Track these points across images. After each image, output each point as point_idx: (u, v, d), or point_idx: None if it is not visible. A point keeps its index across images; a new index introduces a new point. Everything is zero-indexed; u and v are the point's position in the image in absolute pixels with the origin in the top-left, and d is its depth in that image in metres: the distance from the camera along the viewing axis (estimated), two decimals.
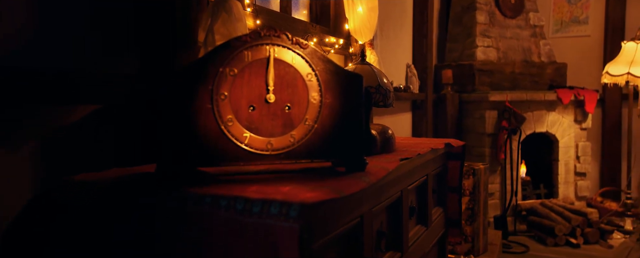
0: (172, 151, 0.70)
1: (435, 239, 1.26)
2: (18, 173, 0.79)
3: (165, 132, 0.70)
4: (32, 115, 0.82)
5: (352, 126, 0.78)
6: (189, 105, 0.70)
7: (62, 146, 0.86)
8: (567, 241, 2.86)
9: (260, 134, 0.73)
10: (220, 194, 0.59)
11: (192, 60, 1.10)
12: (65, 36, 0.89)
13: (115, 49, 1.01)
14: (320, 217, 0.59)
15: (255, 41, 0.73)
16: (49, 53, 0.86)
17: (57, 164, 0.84)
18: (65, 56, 0.89)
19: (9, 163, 0.78)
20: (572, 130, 3.33)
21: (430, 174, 1.20)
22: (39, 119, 0.83)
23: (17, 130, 0.80)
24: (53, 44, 0.86)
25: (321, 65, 0.76)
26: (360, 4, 1.89)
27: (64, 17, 0.88)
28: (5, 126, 0.77)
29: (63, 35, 0.88)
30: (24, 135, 0.81)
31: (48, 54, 0.86)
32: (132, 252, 0.66)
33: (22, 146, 0.81)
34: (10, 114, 0.78)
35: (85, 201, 0.69)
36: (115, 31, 1.00)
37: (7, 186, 0.77)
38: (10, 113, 0.78)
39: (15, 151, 0.80)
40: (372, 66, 1.35)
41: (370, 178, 0.74)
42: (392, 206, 0.95)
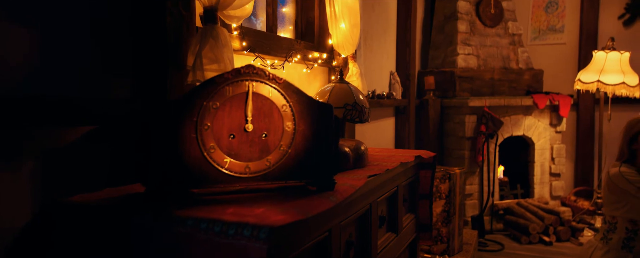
0: (161, 174, 0.80)
1: (405, 244, 1.38)
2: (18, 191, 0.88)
3: (154, 157, 0.79)
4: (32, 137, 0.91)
5: (322, 150, 0.88)
6: (177, 134, 0.80)
7: (59, 165, 0.95)
8: (541, 239, 3.01)
9: (240, 159, 0.83)
10: (201, 217, 0.69)
11: (181, 82, 1.20)
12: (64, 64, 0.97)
13: (110, 73, 1.09)
14: (289, 235, 0.70)
15: (236, 77, 0.83)
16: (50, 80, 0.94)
17: (55, 182, 0.93)
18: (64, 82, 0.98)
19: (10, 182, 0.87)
20: (548, 133, 3.48)
21: (400, 185, 1.32)
22: (38, 140, 0.92)
23: (18, 151, 0.88)
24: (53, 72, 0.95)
25: (295, 97, 0.87)
26: (343, 20, 1.99)
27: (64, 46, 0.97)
28: (8, 147, 0.86)
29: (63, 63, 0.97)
30: (24, 155, 0.89)
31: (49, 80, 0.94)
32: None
33: (22, 165, 0.90)
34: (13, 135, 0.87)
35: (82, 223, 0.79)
36: (111, 56, 1.09)
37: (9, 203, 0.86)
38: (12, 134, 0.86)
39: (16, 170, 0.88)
40: (350, 84, 1.46)
41: (338, 196, 0.85)
42: (362, 217, 1.06)
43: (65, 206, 0.82)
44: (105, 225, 0.77)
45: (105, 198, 0.84)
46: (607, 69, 2.94)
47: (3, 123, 0.82)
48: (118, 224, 0.76)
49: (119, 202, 0.81)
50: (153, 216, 0.74)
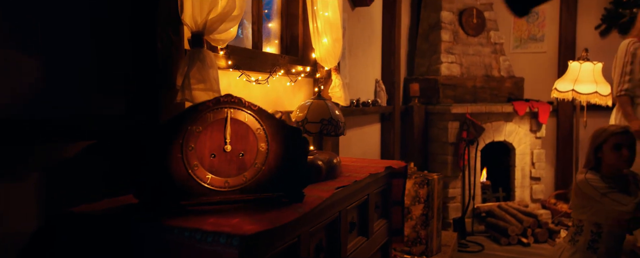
0: (152, 188, 0.92)
1: (377, 247, 1.51)
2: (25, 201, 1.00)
3: (146, 174, 0.92)
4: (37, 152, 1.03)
5: (292, 167, 1.01)
6: (165, 154, 0.92)
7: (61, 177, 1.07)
8: (519, 240, 3.16)
9: (220, 175, 0.96)
10: (185, 226, 0.82)
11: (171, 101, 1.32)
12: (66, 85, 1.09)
13: (107, 93, 1.21)
14: (259, 242, 0.82)
15: (216, 105, 0.96)
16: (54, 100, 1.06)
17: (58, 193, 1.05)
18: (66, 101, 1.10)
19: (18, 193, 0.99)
20: (528, 139, 3.63)
21: (371, 193, 1.45)
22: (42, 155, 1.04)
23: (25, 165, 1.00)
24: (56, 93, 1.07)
25: (268, 121, 0.99)
26: (325, 35, 2.12)
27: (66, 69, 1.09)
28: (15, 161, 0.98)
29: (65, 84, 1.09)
30: (30, 169, 1.01)
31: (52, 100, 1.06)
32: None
33: (28, 178, 1.02)
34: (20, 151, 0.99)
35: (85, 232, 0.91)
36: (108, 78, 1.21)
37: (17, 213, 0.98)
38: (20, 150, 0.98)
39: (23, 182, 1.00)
40: (327, 100, 1.59)
41: (305, 208, 0.98)
42: (331, 224, 1.19)
43: (70, 217, 0.95)
44: (106, 234, 0.90)
45: (104, 209, 0.96)
46: (581, 79, 3.09)
47: (12, 140, 0.95)
48: (117, 232, 0.88)
49: (117, 213, 0.94)
50: (146, 225, 0.86)
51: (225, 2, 1.37)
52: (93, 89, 1.17)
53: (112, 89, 1.22)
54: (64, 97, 1.08)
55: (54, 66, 1.05)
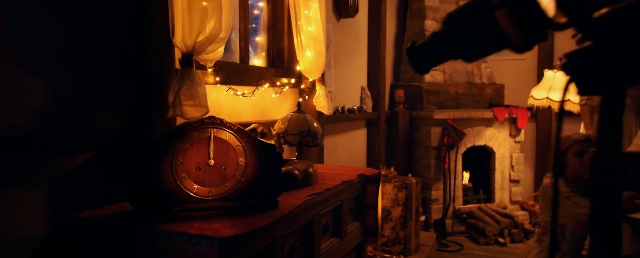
0: (145, 197, 1.07)
1: (351, 247, 1.67)
2: (36, 207, 1.15)
3: (141, 185, 1.07)
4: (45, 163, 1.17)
5: (268, 178, 1.16)
6: (157, 168, 1.07)
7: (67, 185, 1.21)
8: (497, 240, 3.33)
9: (204, 186, 1.11)
10: (174, 230, 0.97)
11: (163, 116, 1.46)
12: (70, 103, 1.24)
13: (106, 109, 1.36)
14: (236, 243, 0.98)
15: (201, 126, 1.11)
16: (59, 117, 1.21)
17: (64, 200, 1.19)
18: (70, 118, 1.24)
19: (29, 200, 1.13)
20: (507, 143, 3.80)
21: (345, 198, 1.60)
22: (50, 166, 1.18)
23: (36, 175, 1.15)
24: (61, 110, 1.22)
25: (246, 138, 1.15)
26: (308, 49, 2.27)
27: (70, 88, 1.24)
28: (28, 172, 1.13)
29: (69, 103, 1.24)
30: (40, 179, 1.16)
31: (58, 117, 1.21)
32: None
33: (38, 186, 1.16)
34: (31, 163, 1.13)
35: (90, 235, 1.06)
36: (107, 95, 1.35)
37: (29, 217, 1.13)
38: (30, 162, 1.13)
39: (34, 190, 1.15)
40: (306, 114, 1.75)
41: (279, 213, 1.13)
42: (306, 226, 1.34)
43: (75, 221, 1.10)
44: (106, 236, 1.05)
45: (105, 215, 1.11)
46: (555, 87, 3.26)
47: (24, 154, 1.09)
48: (116, 235, 1.04)
49: (116, 218, 1.09)
50: (141, 229, 1.01)
51: (212, 25, 1.52)
52: (94, 107, 1.31)
53: (111, 106, 1.37)
54: (68, 113, 1.23)
55: (58, 85, 1.20)
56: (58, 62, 1.20)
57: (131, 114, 1.43)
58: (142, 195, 1.07)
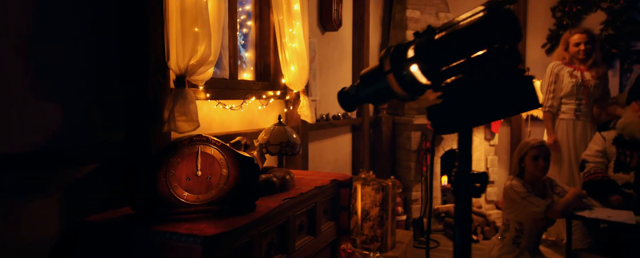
0: (143, 203, 1.30)
1: (325, 244, 1.89)
2: (50, 212, 1.36)
3: (139, 193, 1.29)
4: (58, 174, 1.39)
5: (246, 185, 1.39)
6: (153, 178, 1.30)
7: (76, 193, 1.43)
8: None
9: (193, 193, 1.33)
10: (167, 230, 1.19)
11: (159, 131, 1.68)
12: (79, 122, 1.46)
13: (110, 125, 1.57)
14: (218, 241, 1.20)
15: (190, 143, 1.33)
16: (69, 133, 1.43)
17: (73, 205, 1.41)
18: (78, 134, 1.46)
19: (45, 206, 1.35)
20: (482, 146, 4.04)
21: (319, 201, 1.83)
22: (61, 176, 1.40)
23: (50, 184, 1.37)
24: (71, 128, 1.43)
25: (228, 152, 1.37)
26: (292, 64, 2.50)
27: (79, 109, 1.45)
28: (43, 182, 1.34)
29: (78, 121, 1.45)
30: (53, 187, 1.37)
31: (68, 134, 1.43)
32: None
33: (52, 194, 1.38)
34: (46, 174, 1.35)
35: (97, 235, 1.29)
36: (110, 114, 1.57)
37: (44, 221, 1.34)
38: (46, 173, 1.35)
39: (47, 197, 1.36)
40: (286, 126, 1.97)
41: (256, 215, 1.36)
42: (282, 226, 1.57)
43: (85, 224, 1.32)
44: (111, 236, 1.27)
45: (109, 218, 1.34)
46: None
47: (41, 167, 1.31)
48: (119, 235, 1.26)
49: (119, 221, 1.31)
50: (140, 230, 1.24)
51: (203, 49, 1.74)
52: (99, 124, 1.53)
53: (113, 123, 1.58)
54: (76, 131, 1.45)
55: (69, 107, 1.42)
56: (68, 87, 1.42)
57: (131, 130, 1.64)
58: (141, 201, 1.29)
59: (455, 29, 0.69)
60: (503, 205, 2.69)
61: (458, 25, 0.69)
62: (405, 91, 0.76)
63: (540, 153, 2.56)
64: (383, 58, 0.79)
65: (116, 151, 1.57)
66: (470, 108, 0.68)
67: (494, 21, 0.63)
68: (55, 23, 1.37)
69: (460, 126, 0.72)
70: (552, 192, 2.64)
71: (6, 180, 1.24)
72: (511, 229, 2.62)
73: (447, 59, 0.70)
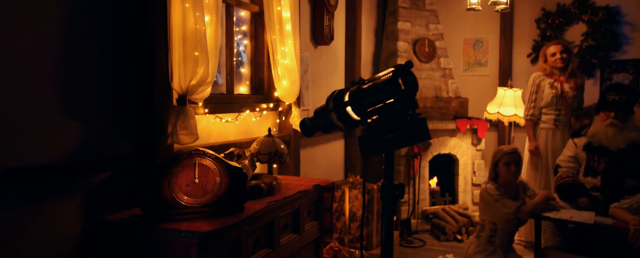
0: (151, 206, 1.57)
1: (308, 241, 2.16)
2: (71, 214, 1.64)
3: (147, 196, 1.57)
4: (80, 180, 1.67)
5: (236, 191, 1.66)
6: (158, 185, 1.57)
7: (94, 196, 1.70)
8: (455, 237, 3.81)
9: (191, 197, 1.61)
10: (170, 228, 1.47)
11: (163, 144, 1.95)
12: (97, 136, 1.74)
13: (122, 139, 1.85)
14: (211, 236, 1.47)
15: (189, 156, 1.61)
16: (89, 146, 1.71)
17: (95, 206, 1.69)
18: (96, 146, 1.74)
19: (67, 208, 1.63)
20: (469, 151, 4.28)
21: (302, 203, 2.09)
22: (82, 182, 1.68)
23: (73, 189, 1.64)
24: (91, 141, 1.71)
25: (221, 163, 1.64)
26: (284, 79, 2.76)
27: (97, 126, 1.73)
28: (68, 187, 1.62)
29: (95, 136, 1.73)
30: (76, 192, 1.65)
31: (89, 146, 1.71)
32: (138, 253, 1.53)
33: (76, 197, 1.66)
34: (71, 180, 1.63)
35: (114, 233, 1.57)
36: (123, 129, 1.85)
37: (67, 223, 1.62)
38: (71, 179, 1.63)
39: (70, 200, 1.64)
40: (274, 138, 2.24)
41: (243, 215, 1.63)
42: (268, 225, 1.84)
43: (104, 223, 1.60)
44: (125, 233, 1.55)
45: (123, 218, 1.61)
46: (505, 103, 3.73)
47: (67, 174, 1.59)
48: (131, 232, 1.54)
49: (131, 220, 1.59)
50: (148, 228, 1.51)
51: (202, 72, 2.01)
52: (113, 137, 1.81)
53: (125, 136, 1.86)
54: (95, 143, 1.73)
55: (89, 124, 1.70)
56: (89, 108, 1.70)
57: (140, 142, 1.92)
58: (148, 204, 1.57)
59: (375, 83, 0.95)
60: (479, 207, 2.93)
61: (378, 80, 0.95)
62: (343, 124, 1.02)
63: (512, 159, 2.81)
64: (328, 99, 1.05)
65: (127, 161, 1.85)
66: (383, 139, 0.94)
67: (396, 81, 0.89)
68: (80, 54, 1.65)
69: (378, 152, 0.98)
70: (524, 195, 2.88)
71: (38, 186, 1.52)
72: (486, 228, 2.87)
73: (369, 104, 0.96)
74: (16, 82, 1.46)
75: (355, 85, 1.01)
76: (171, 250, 1.45)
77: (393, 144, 0.95)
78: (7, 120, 1.43)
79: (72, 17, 1.62)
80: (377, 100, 0.94)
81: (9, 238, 1.43)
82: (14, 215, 1.44)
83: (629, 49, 4.00)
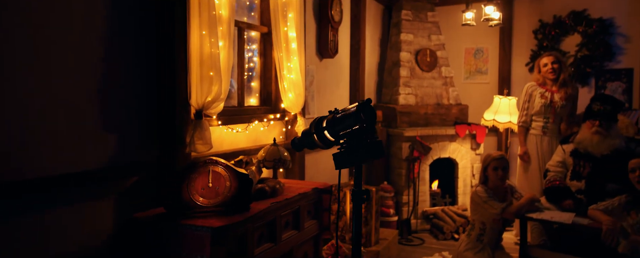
0: (172, 205, 1.90)
1: (308, 237, 2.46)
2: (107, 212, 1.98)
3: (169, 198, 1.89)
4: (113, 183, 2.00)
5: (243, 193, 1.97)
6: (178, 188, 1.89)
7: (125, 197, 2.04)
8: (452, 236, 4.05)
9: (206, 198, 1.93)
10: (188, 223, 1.79)
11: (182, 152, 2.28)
12: (128, 146, 2.07)
13: (147, 148, 2.18)
14: (222, 231, 1.78)
15: (204, 164, 1.92)
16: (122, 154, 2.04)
17: (125, 205, 2.02)
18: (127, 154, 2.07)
19: (104, 207, 1.96)
20: (469, 155, 4.50)
21: (302, 204, 2.39)
22: (115, 184, 2.01)
23: (108, 190, 1.98)
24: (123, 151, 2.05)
25: (231, 170, 1.96)
26: (290, 92, 3.07)
27: (126, 138, 2.07)
28: (105, 188, 1.96)
29: (127, 146, 2.07)
30: (109, 192, 1.99)
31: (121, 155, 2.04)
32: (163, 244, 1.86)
33: (110, 198, 1.99)
34: (106, 183, 1.97)
35: (143, 228, 1.90)
36: (148, 139, 2.18)
37: (103, 219, 1.96)
38: (106, 183, 1.97)
39: (105, 200, 1.98)
40: (279, 146, 2.55)
41: (249, 214, 1.94)
42: (270, 222, 2.14)
43: (134, 220, 1.93)
44: (151, 228, 1.88)
45: (149, 215, 1.94)
46: (500, 111, 3.95)
47: (104, 179, 1.93)
48: (157, 227, 1.86)
49: (156, 217, 1.91)
50: (170, 224, 1.84)
51: (216, 90, 2.33)
52: (140, 146, 2.14)
53: (150, 146, 2.19)
54: (126, 152, 2.06)
55: (122, 135, 2.03)
56: (122, 121, 2.04)
57: (163, 151, 2.25)
58: (170, 204, 1.89)
59: (345, 113, 1.24)
60: (470, 208, 3.18)
61: (347, 111, 1.24)
62: (322, 143, 1.32)
63: (500, 165, 3.05)
64: (312, 124, 1.35)
65: (152, 167, 2.18)
66: (351, 156, 1.23)
67: (358, 113, 1.18)
68: (116, 78, 1.99)
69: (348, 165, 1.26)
70: (512, 197, 3.12)
71: (81, 188, 1.86)
72: (476, 228, 3.11)
73: (340, 129, 1.25)
74: (65, 103, 1.80)
75: (331, 114, 1.30)
76: (189, 242, 1.77)
77: (358, 160, 1.24)
78: (57, 133, 1.77)
79: (109, 47, 1.95)
80: (346, 127, 1.23)
81: (58, 231, 1.77)
82: (62, 213, 1.79)
83: (623, 58, 4.16)
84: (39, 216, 1.69)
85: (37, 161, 1.68)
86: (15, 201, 1.62)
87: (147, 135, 2.16)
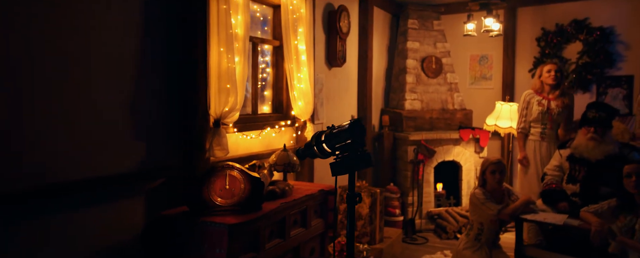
0: (194, 205, 2.17)
1: (314, 234, 2.70)
2: (138, 209, 2.26)
3: (191, 198, 2.16)
4: (142, 185, 2.29)
5: (255, 194, 2.23)
6: (200, 190, 2.16)
7: (152, 197, 2.32)
8: (455, 236, 4.24)
9: (223, 199, 2.19)
10: (208, 220, 2.05)
11: (203, 158, 2.55)
12: (154, 152, 2.35)
13: (172, 154, 2.46)
14: (237, 227, 2.04)
15: (222, 168, 2.19)
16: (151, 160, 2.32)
17: (153, 204, 2.30)
18: (155, 159, 2.35)
19: (135, 205, 2.25)
20: (472, 158, 4.68)
21: (309, 204, 2.64)
22: (143, 185, 2.29)
23: (136, 191, 2.26)
24: (148, 156, 2.33)
25: (245, 174, 2.22)
26: (300, 100, 3.32)
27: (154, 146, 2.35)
28: (134, 189, 2.24)
29: (154, 152, 2.35)
30: (138, 193, 2.27)
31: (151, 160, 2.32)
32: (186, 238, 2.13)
33: (139, 197, 2.27)
34: (135, 184, 2.25)
35: (169, 224, 2.18)
36: (173, 147, 2.46)
37: (134, 216, 2.24)
38: (135, 184, 2.25)
39: (136, 199, 2.26)
40: (288, 151, 2.81)
41: (261, 213, 2.20)
42: (280, 221, 2.40)
43: (162, 217, 2.21)
44: (177, 224, 2.15)
45: (174, 213, 2.22)
46: (501, 116, 4.13)
47: (135, 180, 2.21)
48: (181, 224, 2.14)
49: (180, 215, 2.19)
50: (192, 220, 2.11)
51: (232, 101, 2.60)
52: (165, 152, 2.42)
53: (174, 152, 2.47)
54: (152, 158, 2.35)
55: (150, 142, 2.32)
56: (150, 130, 2.32)
57: (186, 156, 2.53)
58: (192, 203, 2.17)
59: (340, 129, 1.48)
60: (469, 209, 3.38)
61: (342, 127, 1.48)
62: (321, 154, 1.56)
63: (497, 168, 3.24)
64: (313, 137, 1.59)
65: (175, 170, 2.46)
66: (345, 164, 1.48)
67: (351, 129, 1.43)
68: (145, 91, 2.27)
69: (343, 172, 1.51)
70: (509, 199, 3.30)
71: (116, 189, 2.15)
72: (474, 228, 3.31)
73: (336, 142, 1.50)
74: (102, 114, 2.08)
75: (328, 130, 1.54)
76: (209, 236, 2.04)
77: (351, 168, 1.48)
78: (99, 142, 2.06)
79: (140, 67, 2.24)
80: (341, 140, 1.47)
81: (96, 226, 2.06)
82: (102, 209, 2.08)
83: (623, 65, 4.28)
84: (83, 212, 1.99)
85: (84, 165, 1.97)
86: (66, 198, 1.92)
87: (171, 142, 2.44)
